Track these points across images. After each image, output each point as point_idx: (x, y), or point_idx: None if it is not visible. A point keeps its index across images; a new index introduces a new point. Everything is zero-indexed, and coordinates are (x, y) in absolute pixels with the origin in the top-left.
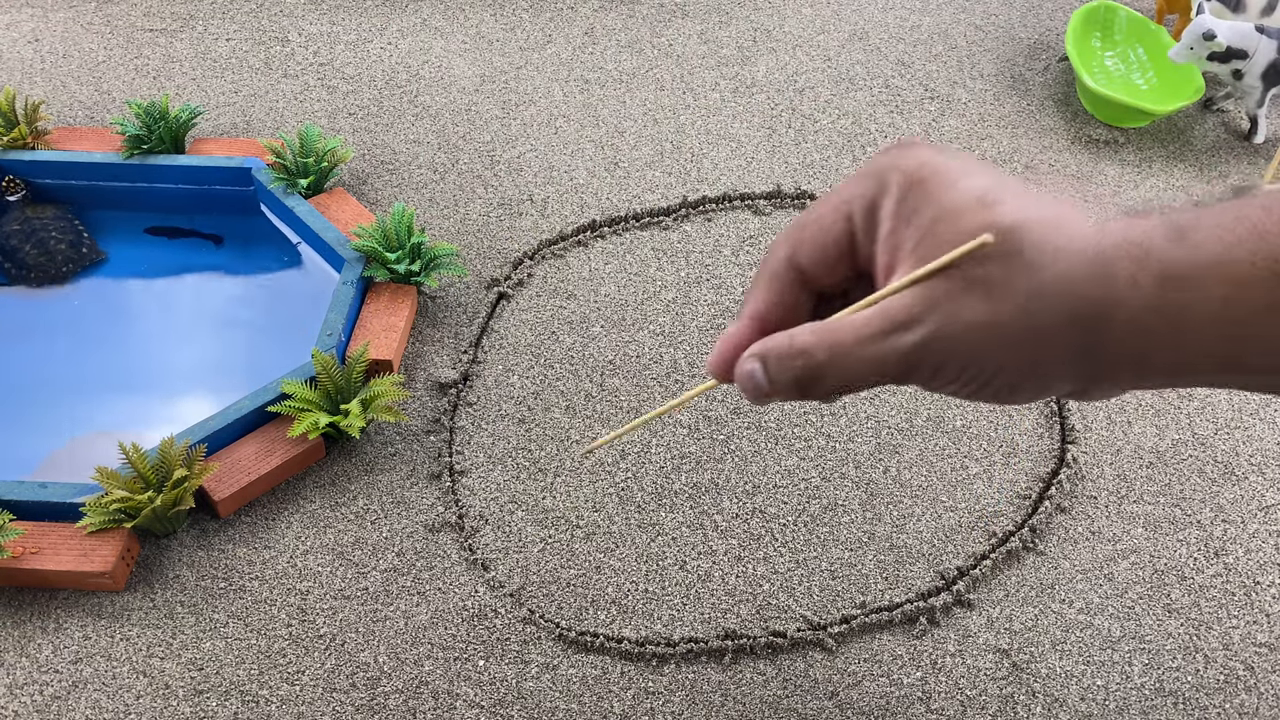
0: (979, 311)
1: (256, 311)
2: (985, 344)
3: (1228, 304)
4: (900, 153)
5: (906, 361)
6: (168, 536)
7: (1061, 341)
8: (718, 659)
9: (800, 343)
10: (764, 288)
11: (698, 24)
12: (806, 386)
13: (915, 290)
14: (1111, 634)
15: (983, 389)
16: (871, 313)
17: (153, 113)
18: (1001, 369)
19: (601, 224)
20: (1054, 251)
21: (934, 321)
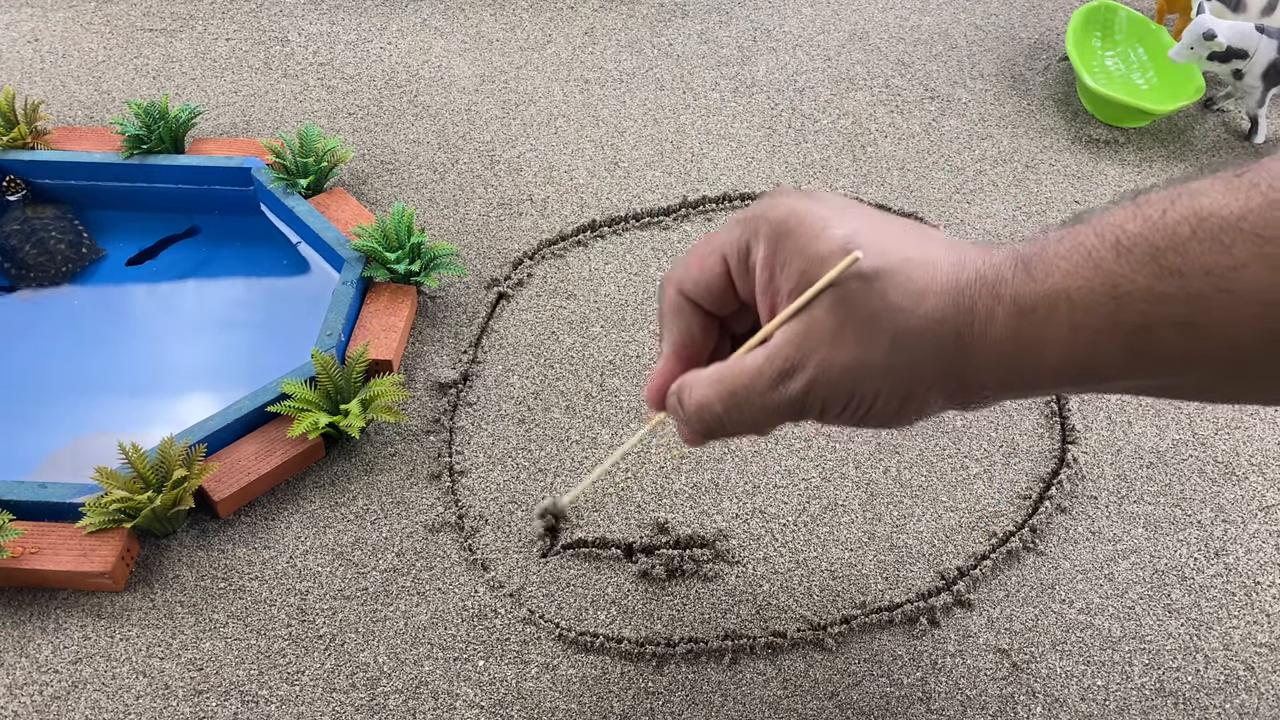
0: (852, 354)
1: (256, 311)
2: (860, 381)
3: (1074, 329)
4: (770, 203)
5: (795, 405)
6: (167, 536)
7: (929, 372)
8: (718, 659)
9: (699, 395)
10: (671, 325)
11: (698, 24)
12: (711, 433)
13: (794, 340)
14: (1112, 634)
15: (867, 417)
16: (761, 362)
17: (152, 113)
18: (877, 399)
19: (601, 224)
20: (916, 294)
21: (814, 367)
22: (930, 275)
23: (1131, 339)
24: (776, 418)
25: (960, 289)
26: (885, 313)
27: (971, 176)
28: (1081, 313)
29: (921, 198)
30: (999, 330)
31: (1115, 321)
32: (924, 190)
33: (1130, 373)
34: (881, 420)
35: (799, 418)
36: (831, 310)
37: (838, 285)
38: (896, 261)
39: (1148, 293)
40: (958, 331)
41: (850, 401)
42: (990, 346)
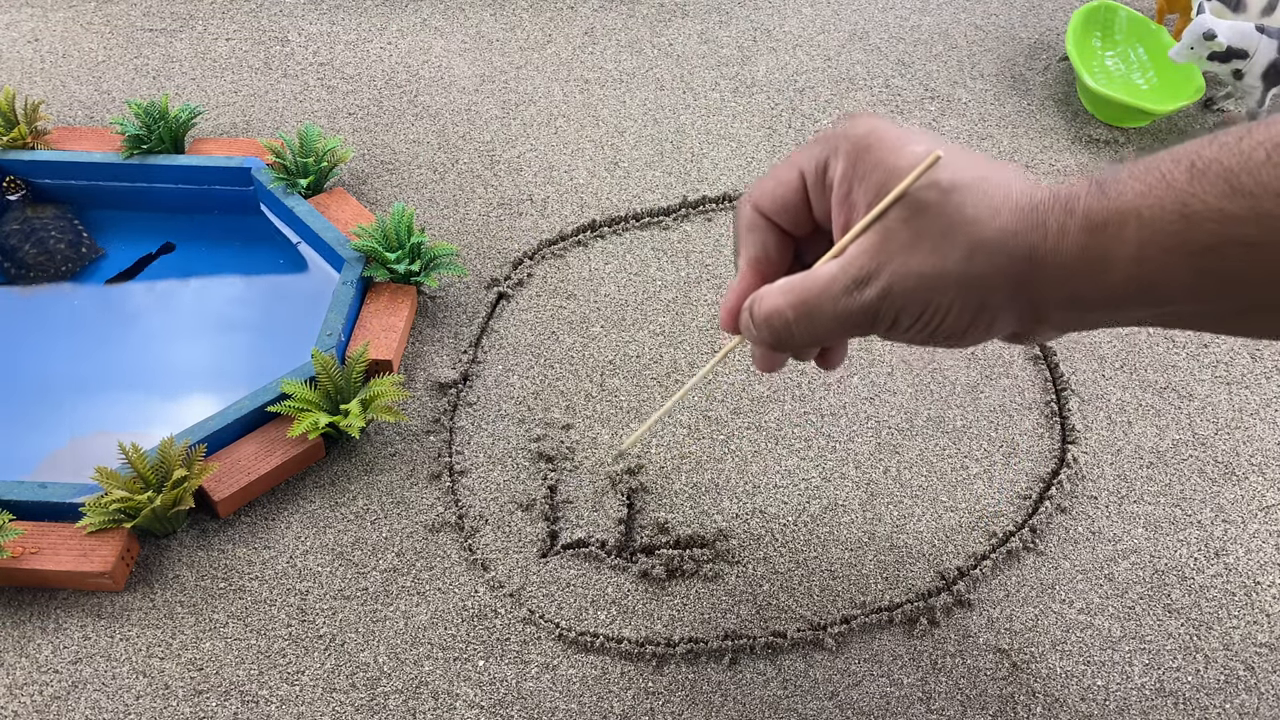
0: (928, 264)
1: (256, 311)
2: (935, 291)
3: (1142, 245)
4: (850, 123)
5: (868, 312)
6: (167, 536)
7: (1002, 284)
8: (718, 659)
9: (770, 304)
10: (747, 241)
11: (698, 24)
12: (781, 343)
13: (870, 251)
14: (1112, 634)
15: (936, 332)
16: (835, 270)
17: (152, 113)
18: (950, 312)
19: (601, 224)
20: (992, 208)
21: (889, 275)
22: (1005, 192)
23: (1197, 259)
24: (847, 327)
25: (1035, 205)
26: (962, 224)
27: None
28: (1150, 230)
29: None
30: (1070, 245)
31: (1183, 240)
32: None
33: (1193, 294)
34: (950, 335)
35: (870, 328)
36: (908, 221)
37: (914, 197)
38: (973, 178)
39: (1218, 213)
40: (1031, 245)
41: (924, 312)
42: (1061, 261)
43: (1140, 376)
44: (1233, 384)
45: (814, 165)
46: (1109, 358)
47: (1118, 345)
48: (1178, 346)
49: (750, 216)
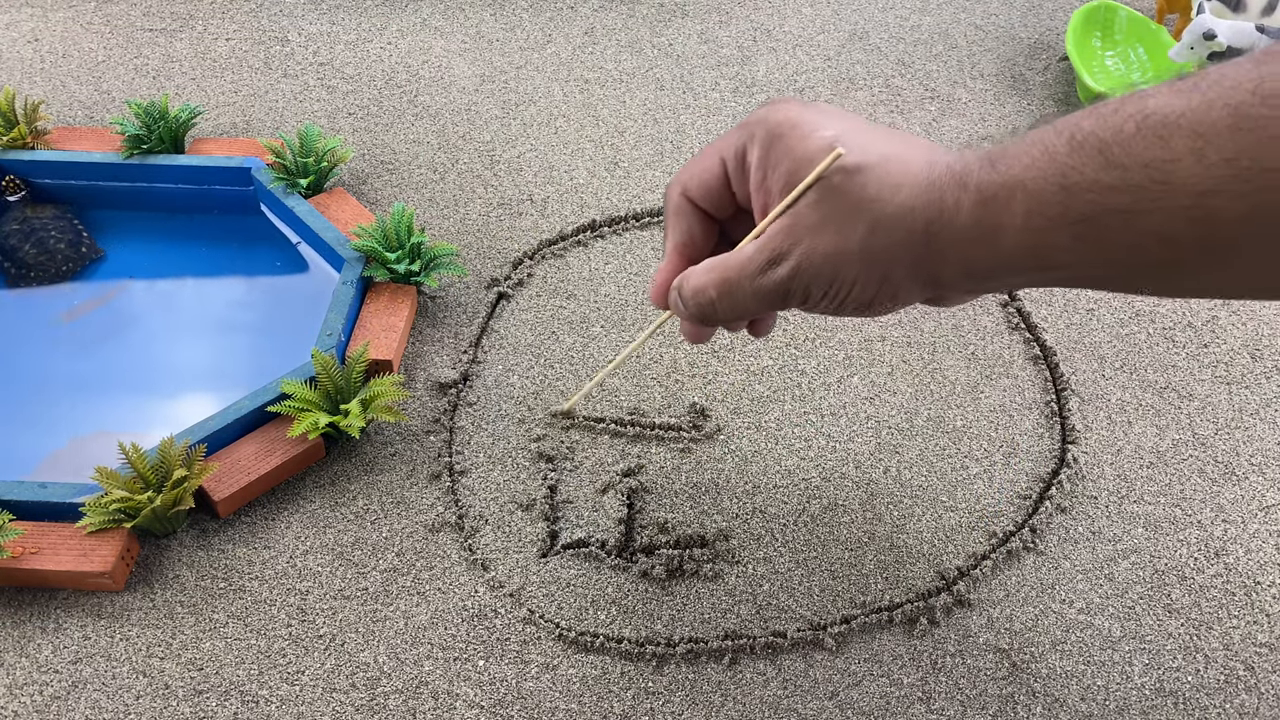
0: (833, 243)
1: (256, 311)
2: (839, 267)
3: (1028, 216)
4: (767, 109)
5: (780, 289)
6: (167, 536)
7: (902, 257)
8: (718, 659)
9: (695, 283)
10: (674, 225)
11: (698, 24)
12: (707, 318)
13: (782, 232)
14: (1112, 634)
15: (844, 304)
16: (751, 251)
17: (152, 112)
18: (855, 285)
19: (601, 224)
20: (893, 187)
21: (799, 254)
22: (905, 170)
23: (1078, 227)
24: (764, 302)
25: (932, 182)
26: (864, 204)
27: None
28: (1035, 201)
29: None
30: (964, 218)
31: (1064, 210)
32: None
33: (1077, 261)
34: (859, 306)
35: (784, 303)
36: (816, 203)
37: (823, 180)
38: (875, 158)
39: (1094, 184)
40: (928, 219)
41: (830, 287)
42: (956, 234)
43: (1140, 376)
44: (1233, 384)
45: (733, 152)
46: (1109, 358)
47: (1118, 345)
48: (1177, 346)
49: (677, 201)
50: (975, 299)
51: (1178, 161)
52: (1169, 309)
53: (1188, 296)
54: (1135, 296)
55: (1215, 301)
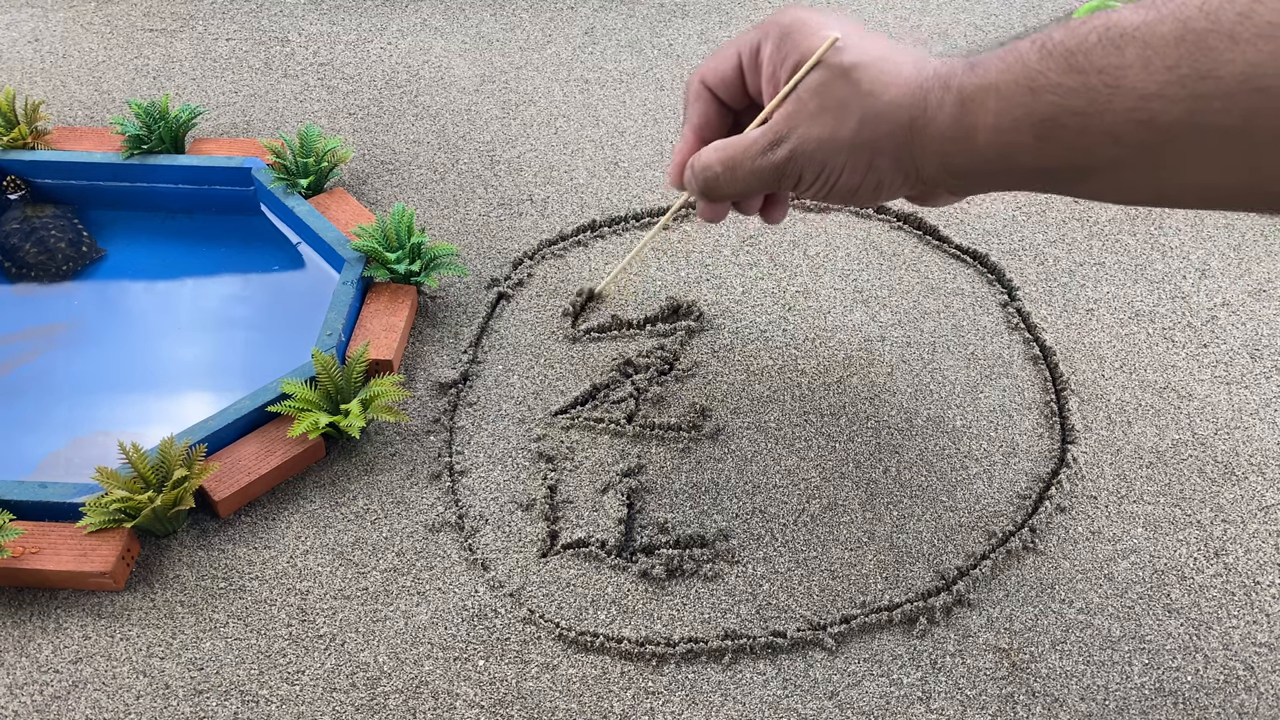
0: (826, 130)
1: (256, 311)
2: (830, 153)
3: (998, 115)
4: (782, 11)
5: (777, 169)
6: (168, 536)
7: (886, 149)
8: (718, 659)
9: (704, 159)
10: (692, 109)
11: (698, 24)
12: (712, 192)
13: (784, 118)
14: (1111, 634)
15: (833, 190)
16: (755, 135)
17: (153, 113)
18: (843, 172)
19: (601, 224)
20: (884, 84)
21: (795, 138)
22: (897, 70)
23: (1040, 127)
24: (761, 181)
25: (920, 83)
26: (856, 98)
27: None
28: (1005, 102)
29: None
30: (945, 117)
31: (1030, 111)
32: None
33: (1040, 157)
34: (845, 193)
35: (779, 183)
36: (814, 94)
37: (823, 74)
38: (871, 58)
39: (1056, 86)
40: (912, 116)
41: (821, 171)
42: (937, 130)
43: (1140, 376)
44: (1233, 384)
45: (749, 48)
46: (1109, 358)
47: (1117, 345)
48: (1177, 346)
49: (696, 88)
50: (955, 202)
51: (1128, 68)
52: (1169, 309)
53: (1133, 202)
54: (1135, 296)
55: (1215, 301)
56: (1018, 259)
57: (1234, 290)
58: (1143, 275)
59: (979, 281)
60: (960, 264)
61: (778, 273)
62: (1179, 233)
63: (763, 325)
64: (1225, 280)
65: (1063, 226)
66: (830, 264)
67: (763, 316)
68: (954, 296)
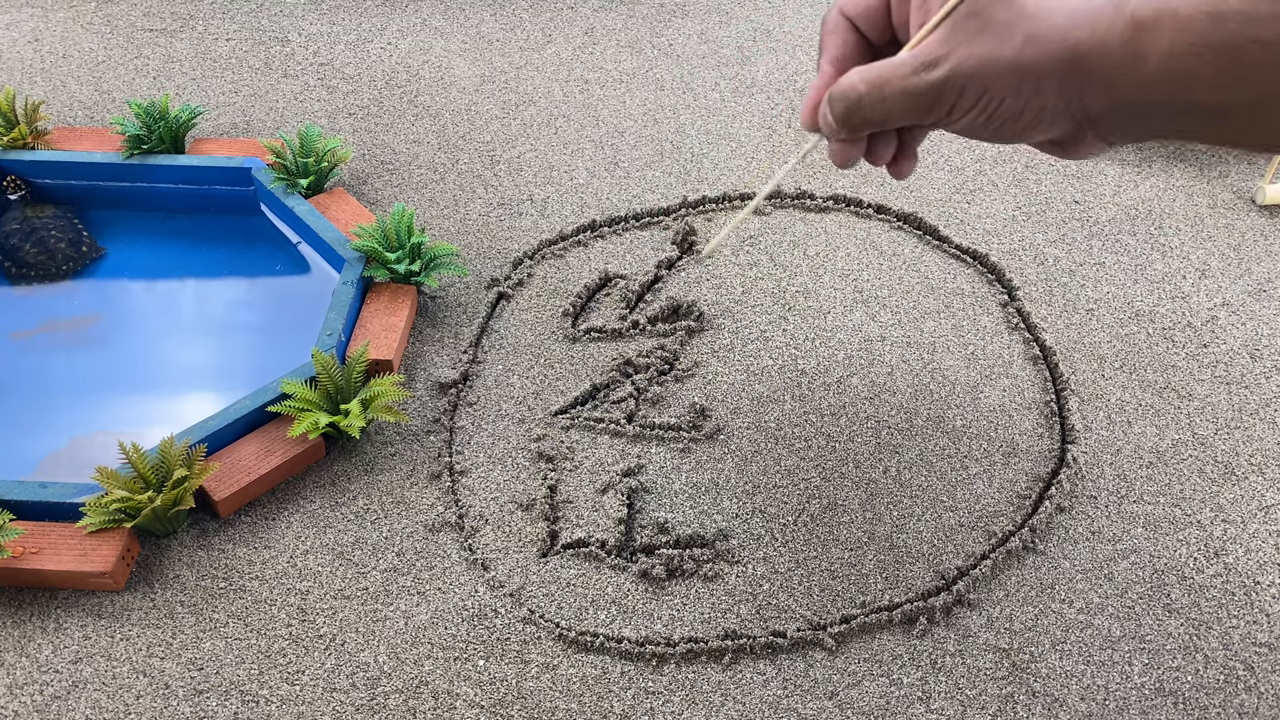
0: (989, 51)
1: (256, 311)
2: (992, 76)
3: (1173, 41)
4: None
5: (931, 91)
6: (168, 536)
7: (1053, 72)
8: (718, 659)
9: (846, 81)
10: (830, 42)
11: (698, 24)
12: (851, 118)
13: (940, 39)
14: (1111, 634)
15: (991, 118)
16: (905, 55)
17: (153, 113)
18: (1005, 99)
19: (601, 224)
20: (1051, 6)
21: (955, 59)
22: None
23: (1220, 54)
24: (911, 105)
25: (1091, 4)
26: (1022, 18)
27: (971, 176)
28: (1183, 28)
29: (921, 198)
30: (1115, 40)
31: (1209, 37)
32: (924, 190)
33: (1214, 88)
34: (1004, 121)
35: (930, 110)
36: (976, 14)
37: None
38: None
39: (1240, 15)
40: (1079, 39)
41: (982, 97)
42: (1104, 55)
43: (1140, 376)
44: (1232, 384)
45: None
46: (1109, 358)
47: (1117, 345)
48: (1177, 346)
49: (835, 19)
50: (1103, 153)
51: None
52: (1169, 309)
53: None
54: (1135, 296)
55: (1215, 301)
56: (1018, 259)
57: (1234, 290)
58: (1143, 275)
59: (979, 281)
60: (960, 264)
61: (778, 273)
62: (1179, 233)
63: (763, 325)
64: (1225, 280)
65: (1063, 226)
66: (830, 264)
67: (763, 316)
68: (954, 296)
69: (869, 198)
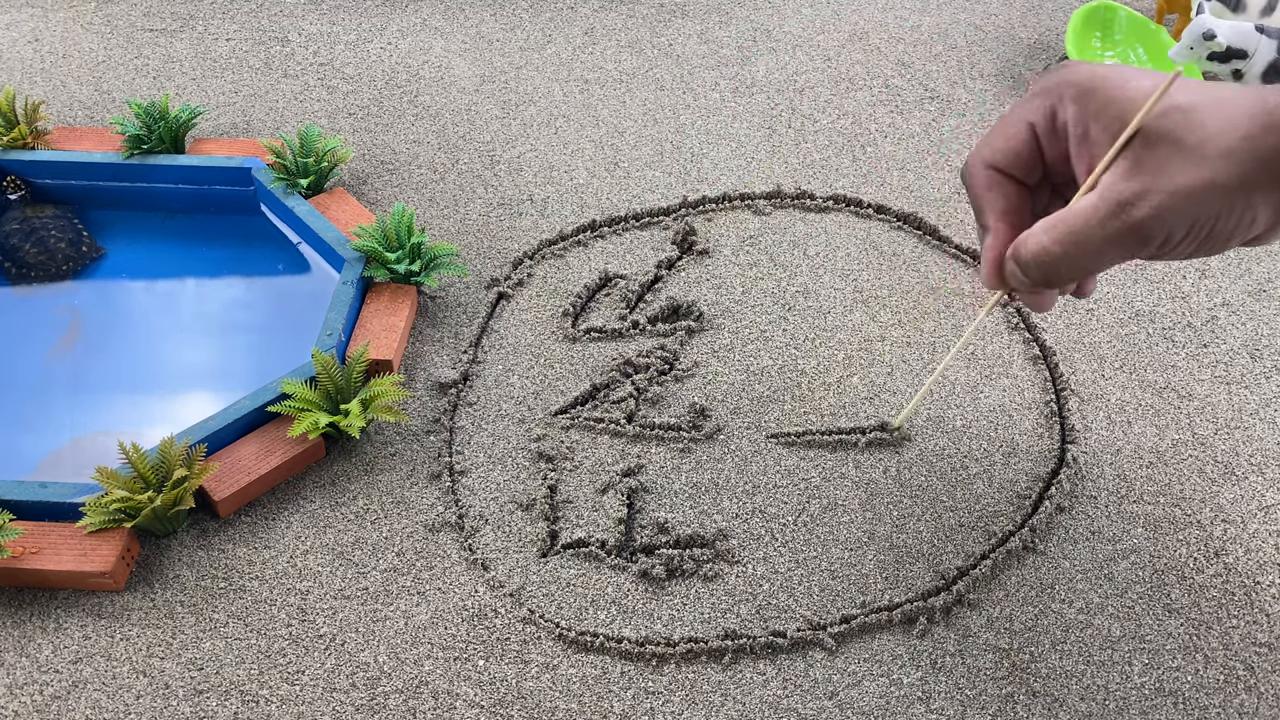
0: (1191, 177)
1: (256, 311)
2: (1204, 202)
3: None
4: (1068, 72)
5: (1138, 233)
6: (168, 536)
7: (1261, 183)
8: (718, 659)
9: (1035, 243)
10: (990, 199)
11: (698, 24)
12: (1051, 278)
13: (1126, 175)
14: (1111, 634)
15: (1207, 239)
16: (1095, 200)
17: (153, 113)
18: (1219, 219)
19: (601, 224)
20: (1231, 121)
21: (1155, 193)
22: (1236, 104)
23: None
24: (1118, 249)
25: (1268, 110)
26: (1209, 139)
27: None
28: None
29: (921, 198)
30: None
31: None
32: (924, 190)
33: None
34: (1217, 241)
35: (1140, 247)
36: (1155, 145)
37: (1156, 124)
38: (1205, 98)
39: None
40: (1272, 145)
41: (1195, 224)
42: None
43: (1140, 376)
44: (1232, 384)
45: (1042, 115)
46: (1109, 358)
47: (1117, 345)
48: (1177, 346)
49: (987, 176)
50: None
51: None
52: (1169, 309)
53: None
54: (1135, 296)
55: (1215, 301)
56: None
57: (1234, 290)
58: (1143, 275)
59: (979, 281)
60: (960, 264)
61: (778, 273)
62: None
63: (763, 325)
64: (1225, 280)
65: None
66: (830, 264)
67: (763, 316)
68: (954, 296)
69: (869, 197)
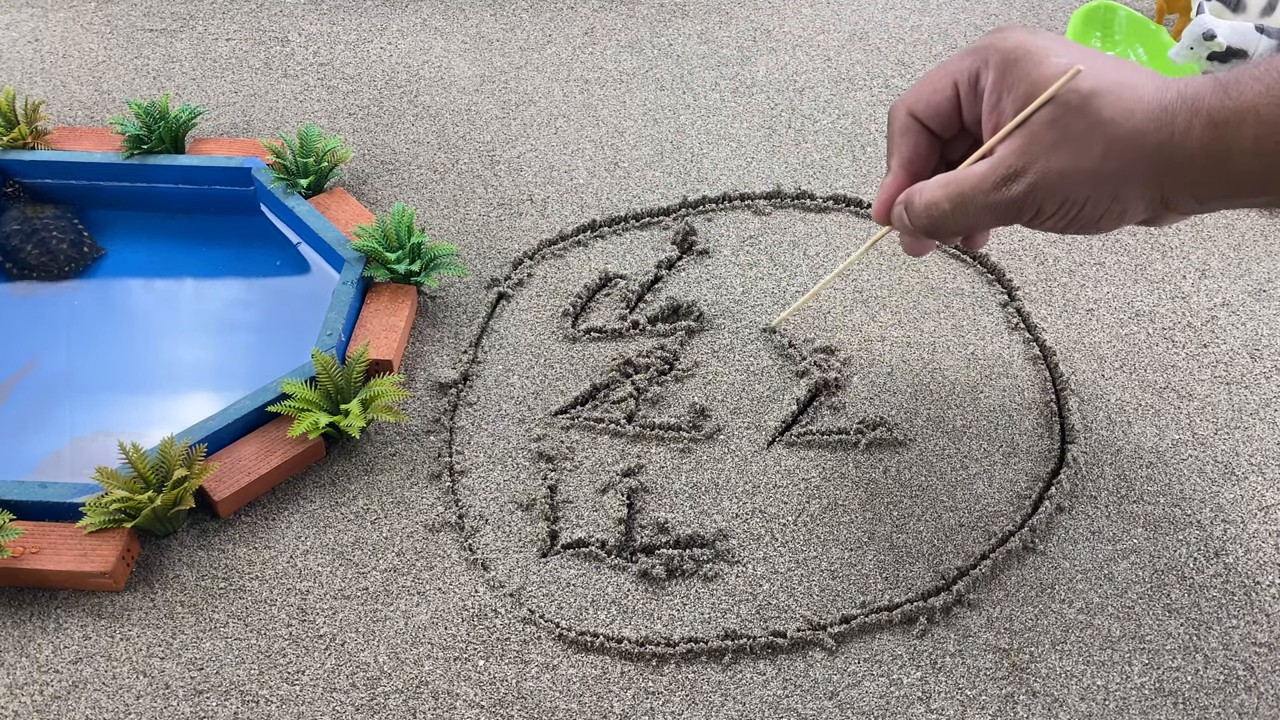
0: (1069, 162)
1: (256, 311)
2: (1074, 187)
3: (1258, 139)
4: (999, 35)
5: (1015, 205)
6: (168, 536)
7: (1134, 178)
8: (718, 659)
9: (929, 196)
10: (900, 143)
11: (698, 24)
12: (935, 230)
13: (1018, 151)
14: (1111, 634)
15: (1075, 220)
16: (985, 169)
17: (153, 113)
18: (1086, 204)
19: (601, 224)
20: (1126, 111)
21: (1035, 172)
22: (1137, 95)
23: None
24: (995, 216)
25: (1164, 106)
26: (1099, 126)
27: None
28: (1266, 126)
29: None
30: (1194, 142)
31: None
32: None
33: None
34: (1086, 223)
35: (1015, 218)
36: (1052, 124)
37: (1057, 104)
38: (1109, 84)
39: None
40: (1159, 143)
41: (1064, 204)
42: (1185, 156)
43: (1140, 376)
44: (1232, 384)
45: (966, 75)
46: (1109, 358)
47: (1117, 345)
48: (1177, 346)
49: (904, 120)
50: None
51: None
52: (1169, 309)
53: None
54: (1135, 296)
55: (1215, 301)
56: (1018, 259)
57: (1234, 290)
58: (1143, 275)
59: (979, 281)
60: (960, 264)
61: (778, 273)
62: (1179, 233)
63: (763, 325)
64: (1225, 280)
65: None
66: (830, 264)
67: (763, 316)
68: (954, 296)
69: (869, 198)
